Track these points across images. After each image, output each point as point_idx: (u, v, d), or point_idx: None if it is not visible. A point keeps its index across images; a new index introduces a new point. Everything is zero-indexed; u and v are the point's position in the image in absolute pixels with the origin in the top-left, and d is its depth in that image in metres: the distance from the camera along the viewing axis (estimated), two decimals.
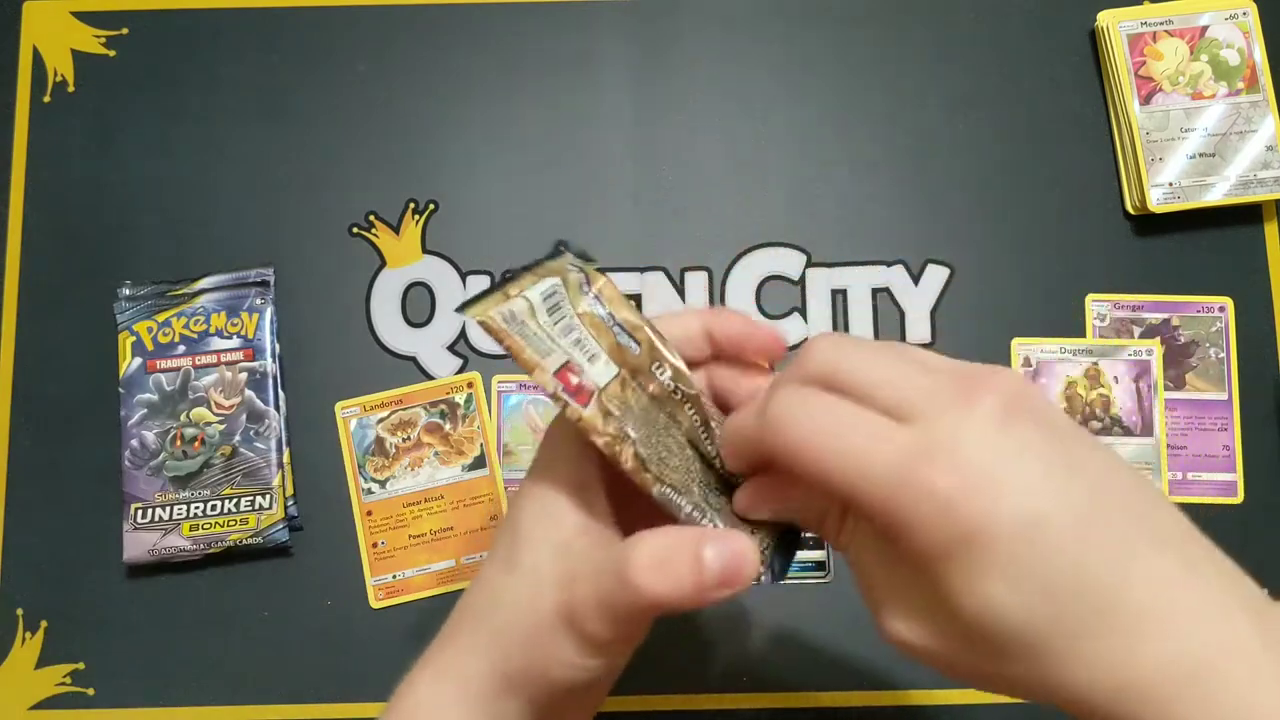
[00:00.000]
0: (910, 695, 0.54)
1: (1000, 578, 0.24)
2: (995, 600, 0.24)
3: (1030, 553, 0.24)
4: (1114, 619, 0.24)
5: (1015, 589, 0.24)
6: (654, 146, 0.60)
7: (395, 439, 0.56)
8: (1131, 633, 0.24)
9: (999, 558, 0.24)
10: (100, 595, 0.55)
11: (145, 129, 0.60)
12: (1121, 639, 0.23)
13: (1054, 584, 0.24)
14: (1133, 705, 0.23)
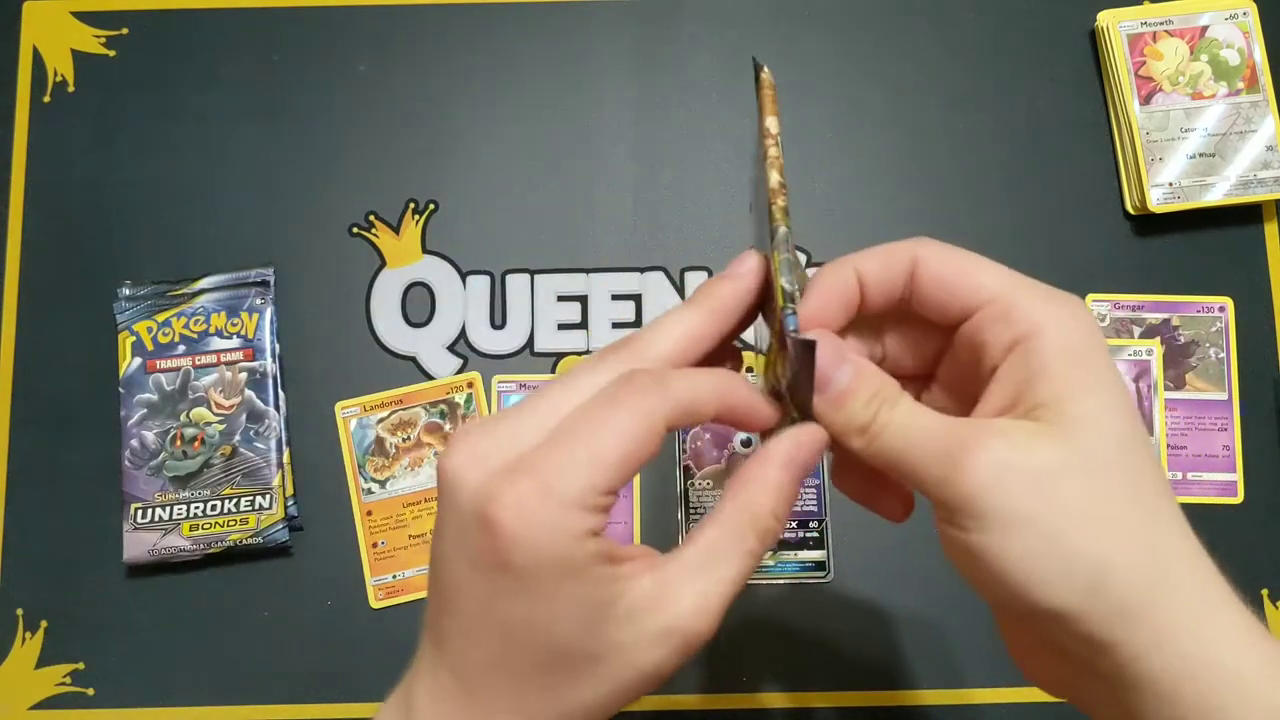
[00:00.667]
0: (910, 695, 0.54)
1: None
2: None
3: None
4: None
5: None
6: (654, 146, 0.60)
7: (395, 439, 0.56)
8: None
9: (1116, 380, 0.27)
10: (100, 595, 0.55)
11: (145, 129, 0.60)
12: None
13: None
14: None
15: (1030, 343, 0.27)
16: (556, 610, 0.25)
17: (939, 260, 0.29)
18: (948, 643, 0.55)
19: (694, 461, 0.56)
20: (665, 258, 0.59)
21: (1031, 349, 0.27)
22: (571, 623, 0.25)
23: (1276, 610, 0.55)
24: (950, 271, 0.29)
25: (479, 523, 0.25)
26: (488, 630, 0.26)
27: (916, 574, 0.55)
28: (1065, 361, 0.26)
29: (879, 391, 0.28)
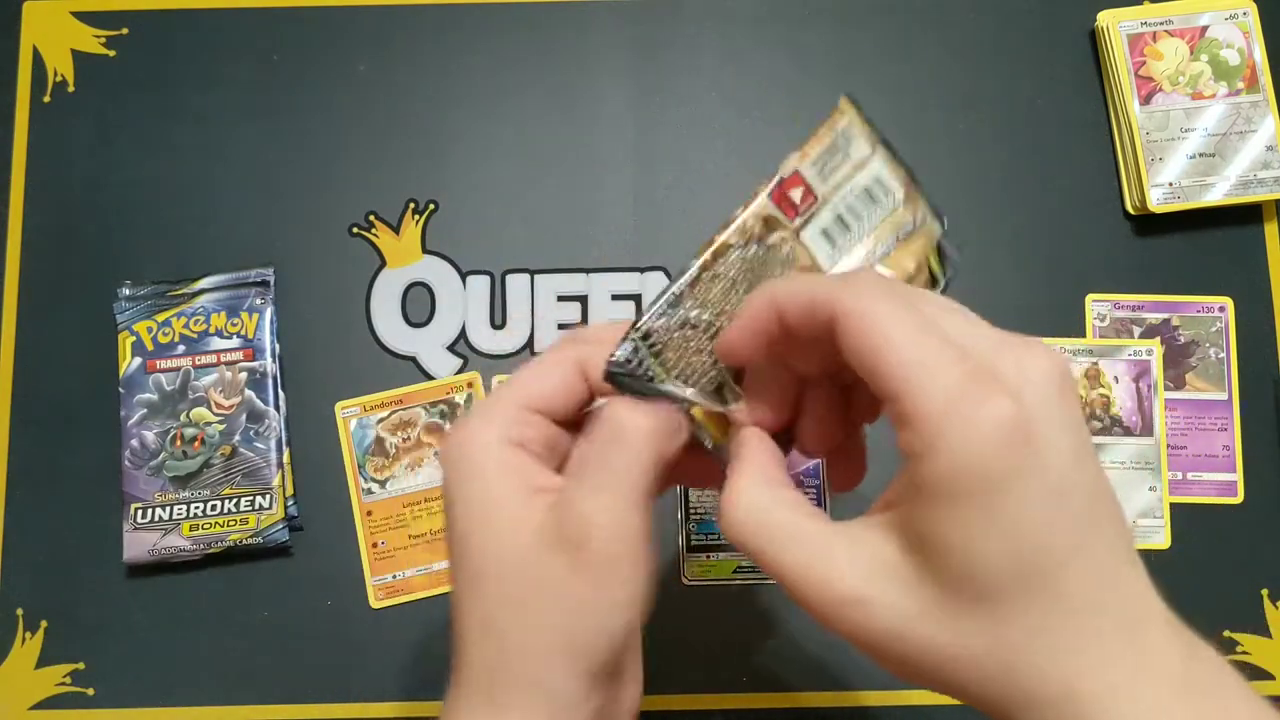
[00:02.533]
0: (910, 695, 0.54)
1: (996, 522, 0.24)
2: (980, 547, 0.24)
3: (1034, 514, 0.24)
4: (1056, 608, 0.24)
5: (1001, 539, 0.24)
6: (654, 146, 0.60)
7: (395, 439, 0.56)
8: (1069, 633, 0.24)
9: (1008, 502, 0.24)
10: (100, 595, 0.55)
11: (145, 129, 0.60)
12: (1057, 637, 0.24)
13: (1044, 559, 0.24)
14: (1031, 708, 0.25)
15: (917, 463, 0.24)
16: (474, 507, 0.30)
17: (854, 332, 0.26)
18: None
19: None
20: (665, 258, 0.59)
21: (916, 469, 0.24)
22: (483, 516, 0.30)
23: (1277, 610, 0.55)
24: (861, 351, 0.26)
25: (443, 454, 0.31)
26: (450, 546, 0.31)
27: None
28: (948, 496, 0.24)
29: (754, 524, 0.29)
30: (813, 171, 0.32)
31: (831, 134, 0.32)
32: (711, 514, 0.56)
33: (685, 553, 0.55)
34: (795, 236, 0.32)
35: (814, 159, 0.32)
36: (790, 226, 0.32)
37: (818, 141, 0.32)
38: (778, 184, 0.32)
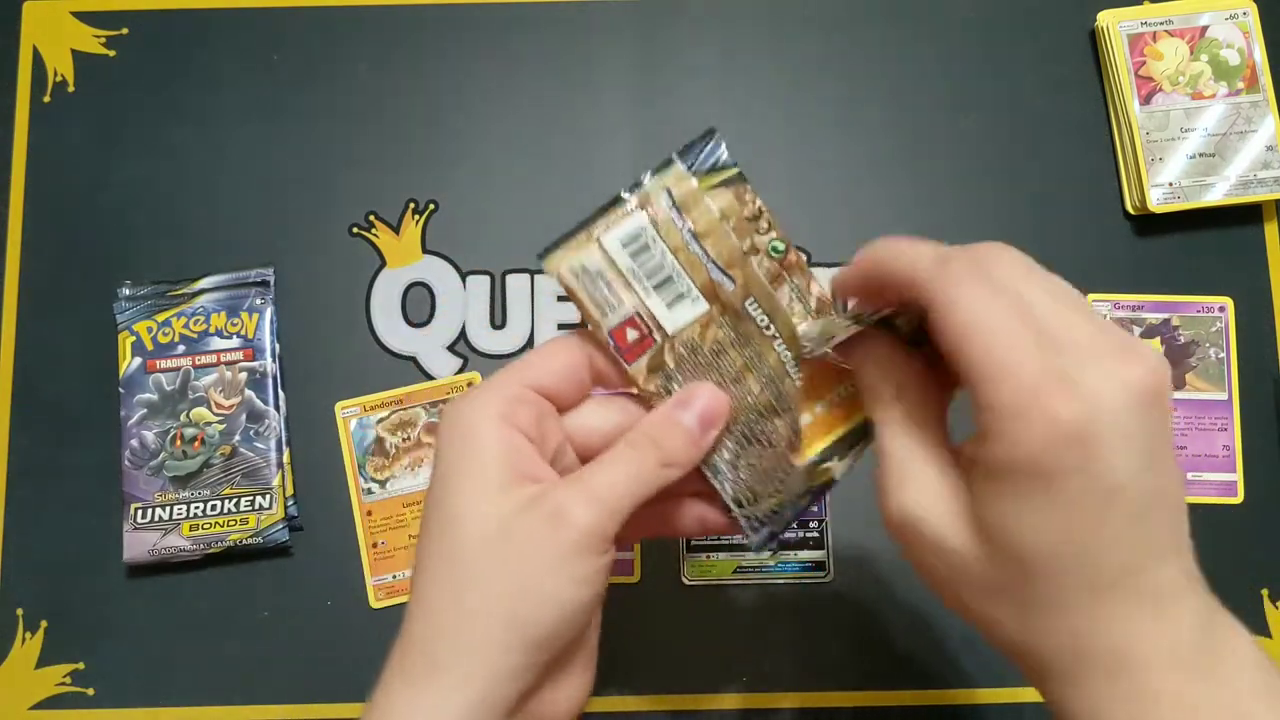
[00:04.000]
0: (911, 695, 0.54)
1: (1044, 509, 0.26)
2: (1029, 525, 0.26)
3: (1076, 510, 0.25)
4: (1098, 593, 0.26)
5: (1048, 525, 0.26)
6: (654, 147, 0.60)
7: (395, 439, 0.56)
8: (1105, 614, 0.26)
9: (1058, 496, 0.25)
10: (100, 595, 0.55)
11: (145, 129, 0.60)
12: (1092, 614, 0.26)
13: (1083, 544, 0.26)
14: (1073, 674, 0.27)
15: (981, 441, 0.27)
16: (463, 481, 0.30)
17: (942, 323, 0.27)
18: (948, 643, 0.55)
19: None
20: None
21: (979, 447, 0.27)
22: (471, 492, 0.30)
23: (1277, 610, 0.55)
24: (947, 341, 0.27)
25: (438, 427, 0.32)
26: (425, 514, 0.31)
27: None
28: (1000, 472, 0.26)
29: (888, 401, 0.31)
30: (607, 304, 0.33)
31: (586, 282, 0.33)
32: None
33: (685, 553, 0.55)
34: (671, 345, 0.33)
35: (594, 304, 0.33)
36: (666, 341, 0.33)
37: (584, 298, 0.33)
38: (614, 346, 0.33)
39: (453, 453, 0.31)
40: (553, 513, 0.29)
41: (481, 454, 0.30)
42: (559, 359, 0.33)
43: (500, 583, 0.29)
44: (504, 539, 0.29)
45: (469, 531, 0.30)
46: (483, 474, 0.30)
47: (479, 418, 0.31)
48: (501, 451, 0.30)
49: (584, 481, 0.31)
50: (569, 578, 0.30)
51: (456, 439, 0.31)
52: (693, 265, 0.32)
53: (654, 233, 0.32)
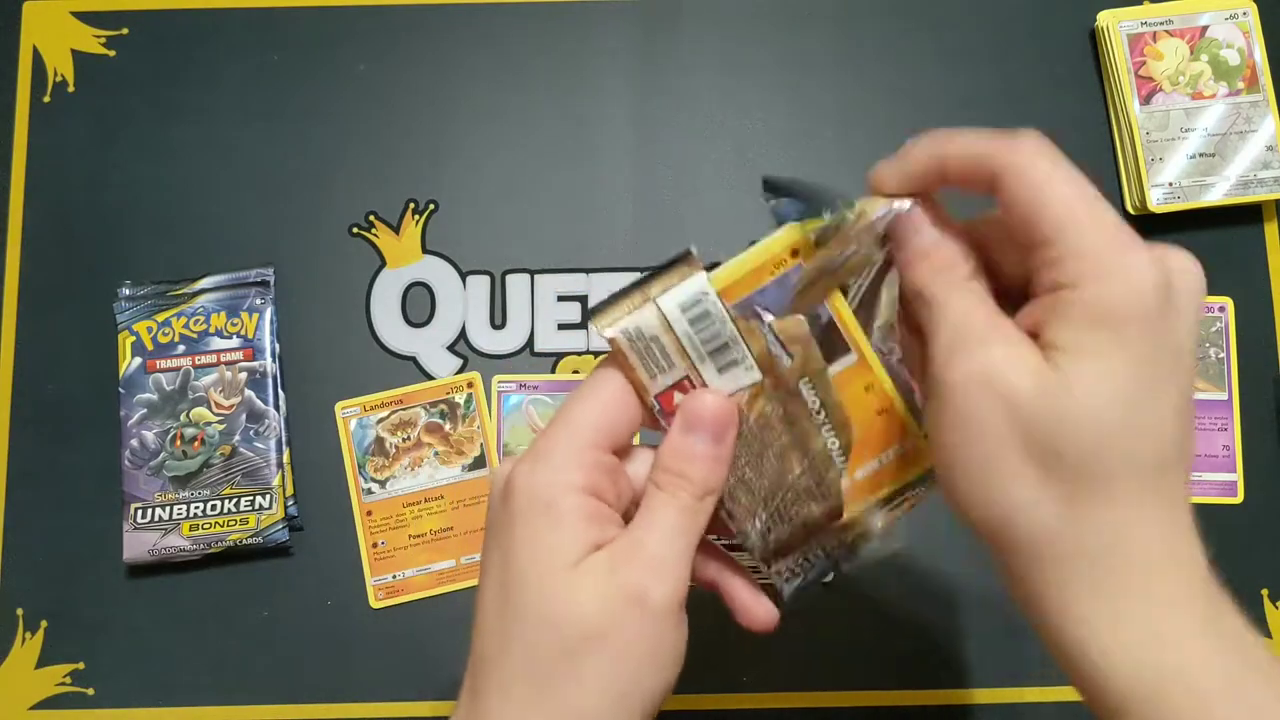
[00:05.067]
0: (911, 695, 0.54)
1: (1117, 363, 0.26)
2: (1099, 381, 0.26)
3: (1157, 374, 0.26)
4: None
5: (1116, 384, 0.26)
6: (654, 146, 0.60)
7: (395, 439, 0.56)
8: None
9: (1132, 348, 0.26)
10: (100, 595, 0.55)
11: (145, 129, 0.60)
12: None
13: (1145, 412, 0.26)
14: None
15: (1075, 290, 0.26)
16: (540, 554, 0.29)
17: (1017, 184, 0.28)
18: (949, 642, 0.55)
19: None
20: (665, 258, 0.59)
21: (1072, 295, 0.26)
22: (549, 568, 0.28)
23: (1276, 610, 0.55)
24: (1024, 200, 0.28)
25: (500, 495, 0.30)
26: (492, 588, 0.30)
27: (917, 574, 0.55)
28: (1093, 322, 0.26)
29: (945, 267, 0.30)
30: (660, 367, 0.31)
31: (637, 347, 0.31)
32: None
33: None
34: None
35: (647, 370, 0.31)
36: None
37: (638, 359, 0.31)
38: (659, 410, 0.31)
39: (531, 530, 0.29)
40: (636, 598, 0.28)
41: (567, 532, 0.29)
42: (620, 408, 0.31)
43: (607, 682, 0.28)
44: (602, 640, 0.28)
45: (567, 632, 0.28)
46: (570, 553, 0.29)
47: (560, 491, 0.29)
48: (586, 528, 0.29)
49: (643, 548, 0.29)
50: (669, 660, 0.30)
51: (537, 514, 0.29)
52: (750, 333, 0.31)
53: (714, 296, 0.30)
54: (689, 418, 0.31)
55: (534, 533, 0.29)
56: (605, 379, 0.31)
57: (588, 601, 0.28)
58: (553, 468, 0.29)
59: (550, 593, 0.28)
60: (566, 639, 0.28)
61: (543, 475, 0.29)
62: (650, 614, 0.29)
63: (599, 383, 0.31)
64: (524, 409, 0.57)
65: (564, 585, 0.28)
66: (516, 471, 0.30)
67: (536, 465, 0.29)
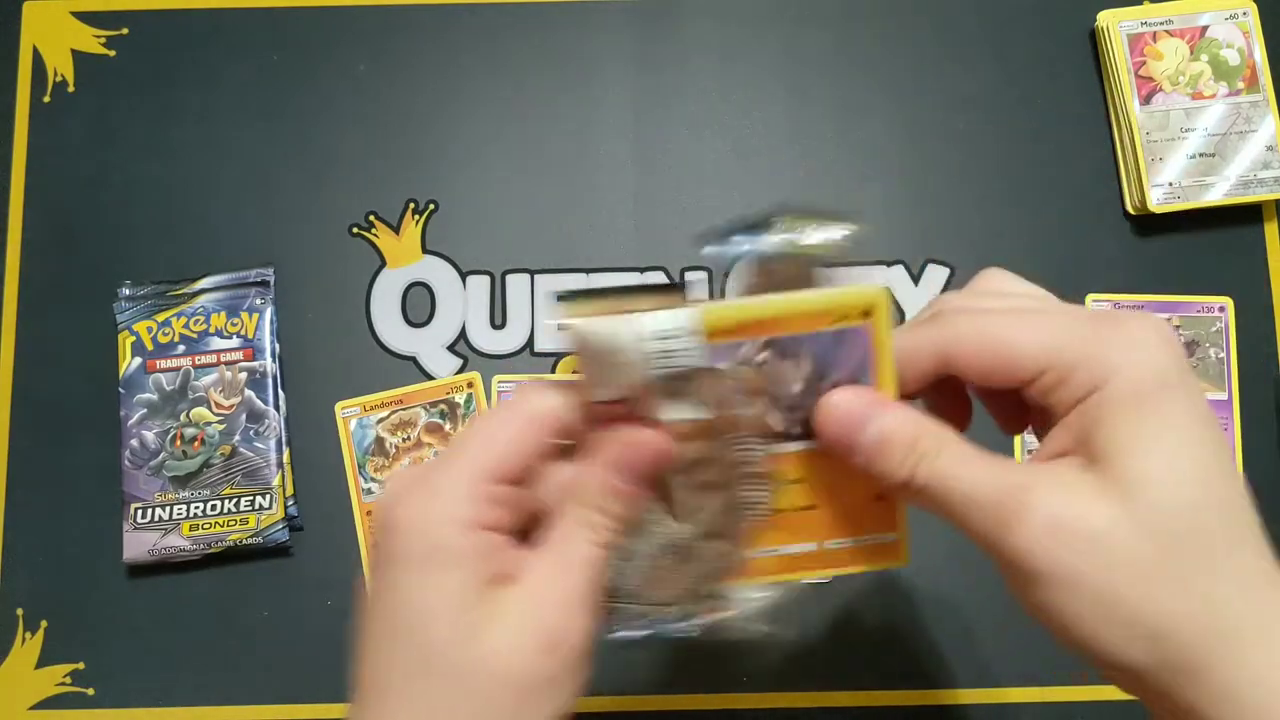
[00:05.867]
0: (911, 695, 0.54)
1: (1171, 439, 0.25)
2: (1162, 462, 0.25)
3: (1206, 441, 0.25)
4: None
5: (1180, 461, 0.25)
6: (654, 146, 0.60)
7: (395, 439, 0.56)
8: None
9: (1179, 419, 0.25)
10: (100, 595, 0.55)
11: (145, 129, 0.60)
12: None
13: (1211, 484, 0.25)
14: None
15: (1093, 397, 0.26)
16: (432, 599, 0.26)
17: (968, 345, 0.27)
18: (949, 642, 0.55)
19: None
20: (665, 258, 0.59)
21: (1093, 402, 0.26)
22: (446, 614, 0.26)
23: None
24: (986, 356, 0.27)
25: (383, 530, 0.27)
26: (380, 635, 0.27)
27: (917, 573, 0.55)
28: (1128, 411, 0.25)
29: (914, 446, 0.27)
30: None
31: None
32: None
33: None
34: None
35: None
36: None
37: None
38: None
39: (422, 574, 0.26)
40: (553, 643, 0.27)
41: (461, 574, 0.26)
42: (522, 440, 0.28)
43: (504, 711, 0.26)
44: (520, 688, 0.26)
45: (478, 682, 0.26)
46: (469, 596, 0.26)
47: (451, 531, 0.26)
48: (481, 566, 0.27)
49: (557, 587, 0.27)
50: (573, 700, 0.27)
51: (426, 557, 0.26)
52: (716, 378, 0.29)
53: (699, 335, 0.28)
54: (626, 459, 0.29)
55: (425, 577, 0.26)
56: (510, 411, 0.29)
57: (503, 648, 0.26)
58: (442, 503, 0.27)
59: (454, 639, 0.26)
60: (477, 689, 0.26)
61: (433, 511, 0.27)
62: (568, 656, 0.27)
63: (504, 413, 0.29)
64: None
65: (468, 631, 0.26)
66: (402, 507, 0.27)
67: (427, 502, 0.27)
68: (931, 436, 0.28)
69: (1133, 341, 0.25)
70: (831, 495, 0.31)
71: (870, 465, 0.28)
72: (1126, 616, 0.25)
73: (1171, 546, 0.24)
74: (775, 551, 0.32)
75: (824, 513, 0.31)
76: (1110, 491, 0.25)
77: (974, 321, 0.28)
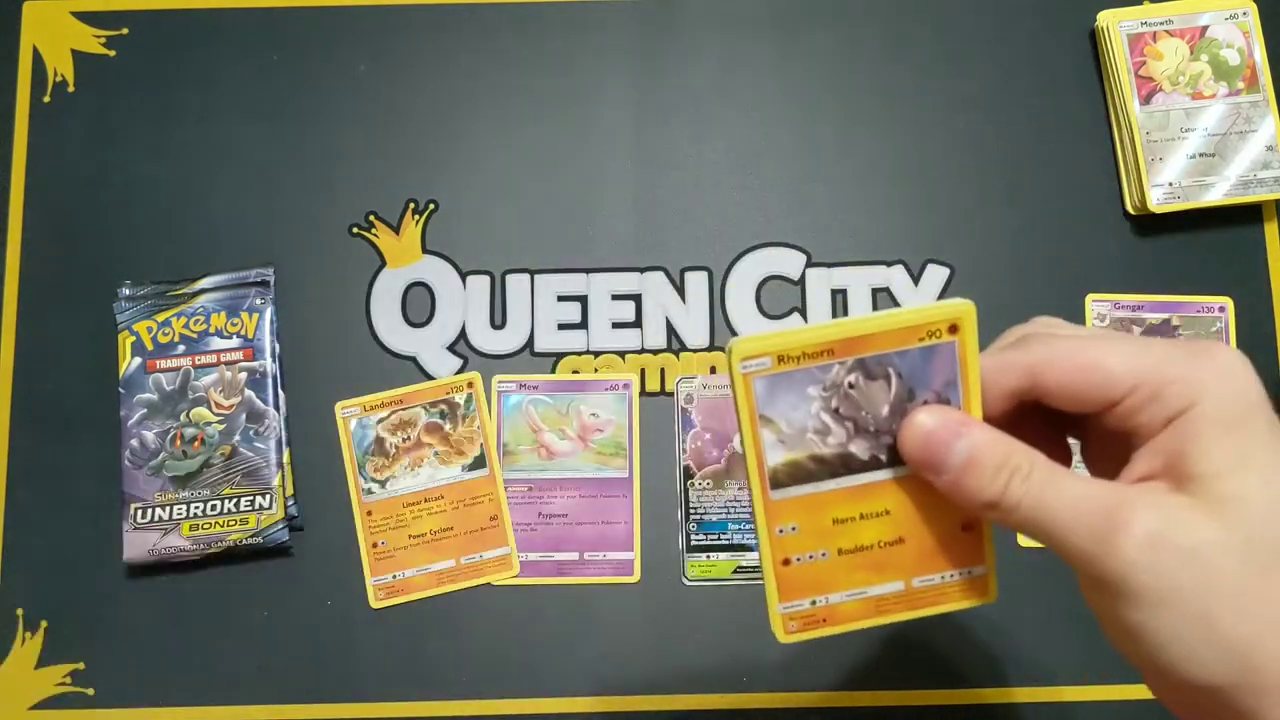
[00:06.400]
0: (911, 695, 0.54)
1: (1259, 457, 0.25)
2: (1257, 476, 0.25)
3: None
4: None
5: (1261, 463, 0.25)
6: (654, 146, 0.60)
7: (395, 439, 0.56)
8: None
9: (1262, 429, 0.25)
10: (100, 595, 0.55)
11: (145, 129, 0.60)
12: None
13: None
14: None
15: (1184, 416, 0.26)
16: None
17: (1060, 365, 0.27)
18: (948, 642, 0.55)
19: (694, 461, 0.56)
20: (665, 258, 0.59)
21: (1185, 421, 0.26)
22: None
23: None
24: (1077, 375, 0.27)
25: None
26: None
27: None
28: (1222, 432, 0.25)
29: (1006, 463, 0.27)
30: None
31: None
32: (710, 514, 0.56)
33: (685, 553, 0.55)
34: None
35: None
36: None
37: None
38: None
39: None
40: None
41: None
42: None
43: None
44: None
45: None
46: None
47: None
48: None
49: None
50: None
51: None
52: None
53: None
54: None
55: None
56: None
57: None
58: None
59: None
60: None
61: None
62: None
63: None
64: (524, 409, 0.57)
65: None
66: None
67: None
68: (1023, 454, 0.27)
69: (1222, 366, 0.26)
70: (918, 527, 0.30)
71: (958, 485, 0.28)
72: (1222, 636, 0.25)
73: (1270, 566, 0.25)
74: (863, 594, 0.31)
75: (911, 547, 0.30)
76: (1208, 510, 0.25)
77: (1064, 343, 0.28)
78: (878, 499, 0.30)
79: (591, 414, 0.57)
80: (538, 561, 0.56)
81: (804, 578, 0.31)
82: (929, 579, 0.31)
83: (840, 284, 0.58)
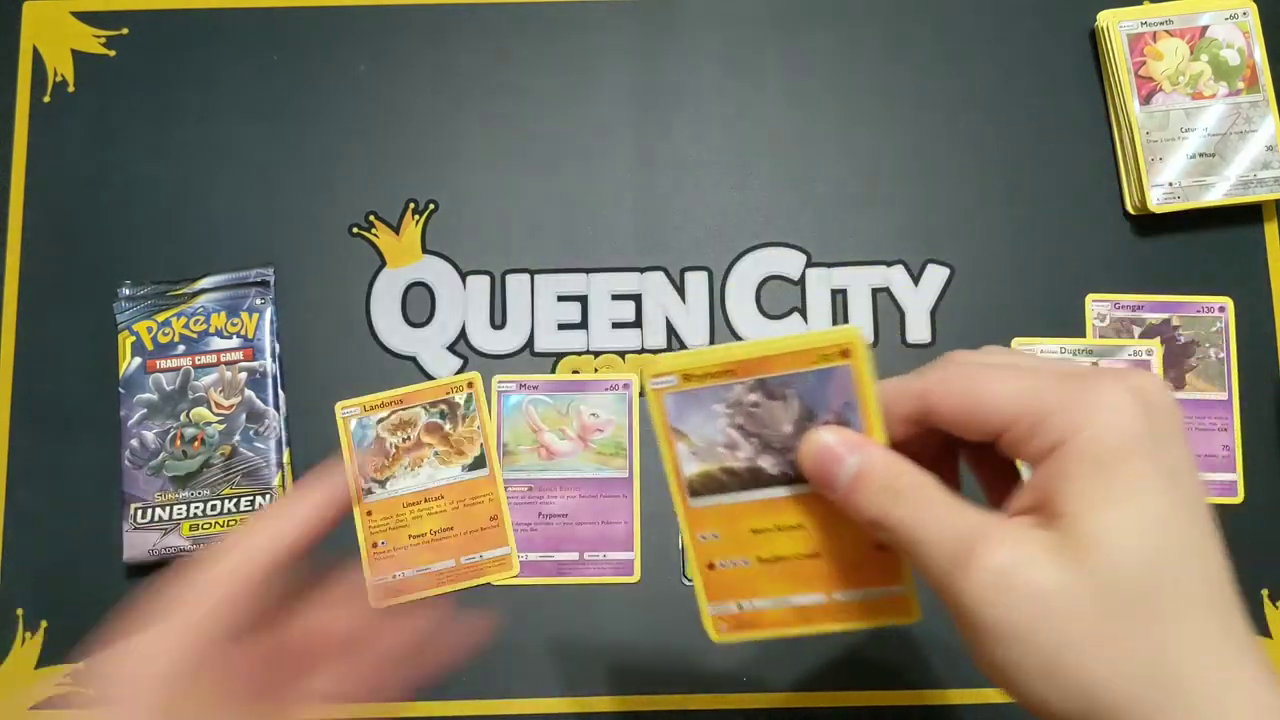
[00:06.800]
0: (911, 695, 0.54)
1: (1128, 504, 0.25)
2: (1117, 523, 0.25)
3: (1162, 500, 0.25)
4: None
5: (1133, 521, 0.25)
6: (654, 146, 0.60)
7: (395, 439, 0.56)
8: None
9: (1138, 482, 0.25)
10: (100, 595, 0.55)
11: (145, 129, 0.60)
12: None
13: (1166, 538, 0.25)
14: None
15: (1061, 449, 0.25)
16: None
17: (949, 392, 0.27)
18: (948, 642, 0.55)
19: None
20: (665, 258, 0.59)
21: (1059, 455, 0.25)
22: None
23: (1276, 610, 0.55)
24: (964, 401, 0.27)
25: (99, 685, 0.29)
26: None
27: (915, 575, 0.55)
28: (1092, 468, 0.25)
29: (891, 483, 0.28)
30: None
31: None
32: None
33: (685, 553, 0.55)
34: None
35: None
36: None
37: None
38: None
39: None
40: None
41: None
42: (231, 582, 0.31)
43: None
44: None
45: None
46: None
47: (132, 689, 0.29)
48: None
49: None
50: None
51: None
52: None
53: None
54: None
55: None
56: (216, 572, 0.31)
57: None
58: (136, 658, 0.29)
59: None
60: None
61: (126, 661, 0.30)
62: None
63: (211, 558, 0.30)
64: (524, 409, 0.57)
65: None
66: (106, 655, 0.29)
67: (127, 644, 0.29)
68: (908, 476, 0.27)
69: (1101, 402, 0.25)
70: (831, 542, 0.31)
71: (848, 501, 0.28)
72: (1064, 678, 0.24)
73: (1117, 608, 0.24)
74: (786, 602, 0.32)
75: (826, 561, 0.31)
76: (1061, 549, 0.25)
77: (958, 370, 0.28)
78: (790, 513, 0.31)
79: (591, 414, 0.57)
80: (538, 561, 0.56)
81: (728, 582, 0.33)
82: (849, 594, 0.32)
83: (840, 284, 0.58)
